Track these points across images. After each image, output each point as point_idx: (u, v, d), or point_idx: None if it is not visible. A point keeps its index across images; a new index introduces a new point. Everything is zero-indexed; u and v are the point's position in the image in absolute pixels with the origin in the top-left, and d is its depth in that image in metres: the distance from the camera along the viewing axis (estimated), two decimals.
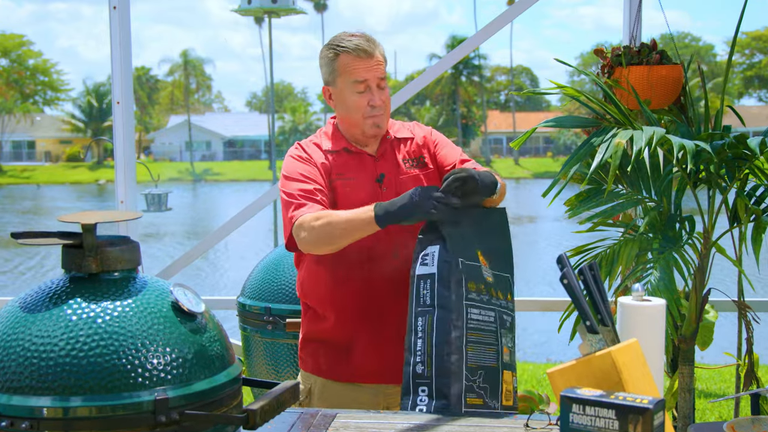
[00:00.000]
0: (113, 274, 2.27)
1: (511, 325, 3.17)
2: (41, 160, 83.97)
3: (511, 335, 3.14)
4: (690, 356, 4.47)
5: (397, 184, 3.48)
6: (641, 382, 2.37)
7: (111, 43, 5.81)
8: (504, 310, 3.12)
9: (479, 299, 3.03)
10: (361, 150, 3.51)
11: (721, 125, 4.47)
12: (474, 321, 2.99)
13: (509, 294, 3.20)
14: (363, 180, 3.46)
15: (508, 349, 3.09)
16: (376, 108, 3.43)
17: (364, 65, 3.42)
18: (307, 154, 3.49)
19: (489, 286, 3.08)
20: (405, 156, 3.56)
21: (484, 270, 3.10)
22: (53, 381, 2.05)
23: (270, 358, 4.85)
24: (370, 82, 3.42)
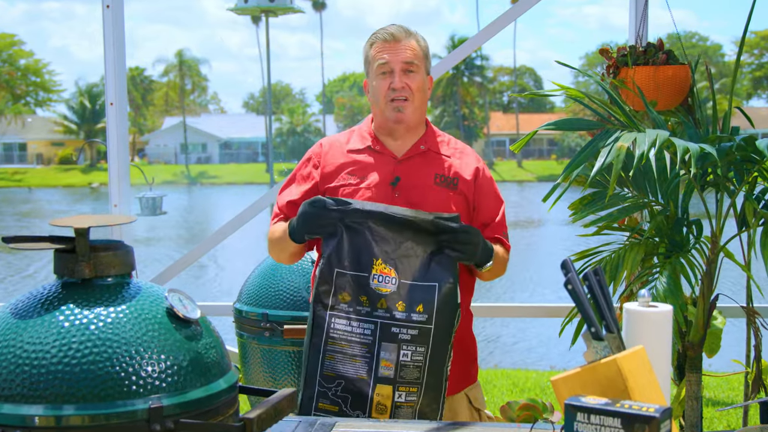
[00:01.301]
0: (107, 280, 2.27)
1: (416, 338, 3.08)
2: (33, 163, 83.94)
3: (411, 348, 3.07)
4: (697, 363, 4.46)
5: (414, 194, 3.44)
6: (647, 390, 2.37)
7: (104, 43, 5.81)
8: (397, 322, 3.08)
9: (351, 310, 3.05)
10: (386, 150, 3.50)
11: (729, 127, 4.47)
12: (338, 331, 3.03)
13: (422, 305, 3.11)
14: (375, 181, 3.44)
15: (391, 363, 3.06)
16: (397, 91, 3.41)
17: (390, 48, 3.44)
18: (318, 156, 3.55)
19: (377, 297, 3.07)
20: (437, 170, 3.51)
21: (375, 280, 3.09)
22: (45, 389, 2.04)
23: (267, 365, 4.85)
24: (393, 65, 3.42)
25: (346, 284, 3.07)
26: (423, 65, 3.48)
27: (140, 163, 70.45)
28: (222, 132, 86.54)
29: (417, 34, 3.50)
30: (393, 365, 3.05)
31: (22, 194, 62.08)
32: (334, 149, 3.54)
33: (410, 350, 3.06)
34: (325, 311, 3.05)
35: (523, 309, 6.81)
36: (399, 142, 3.50)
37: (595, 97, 4.33)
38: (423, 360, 3.08)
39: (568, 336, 4.56)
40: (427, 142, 3.53)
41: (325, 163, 3.50)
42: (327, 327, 3.04)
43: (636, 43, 5.29)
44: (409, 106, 3.43)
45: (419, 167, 3.48)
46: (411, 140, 3.52)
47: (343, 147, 3.54)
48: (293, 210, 3.46)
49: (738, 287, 5.36)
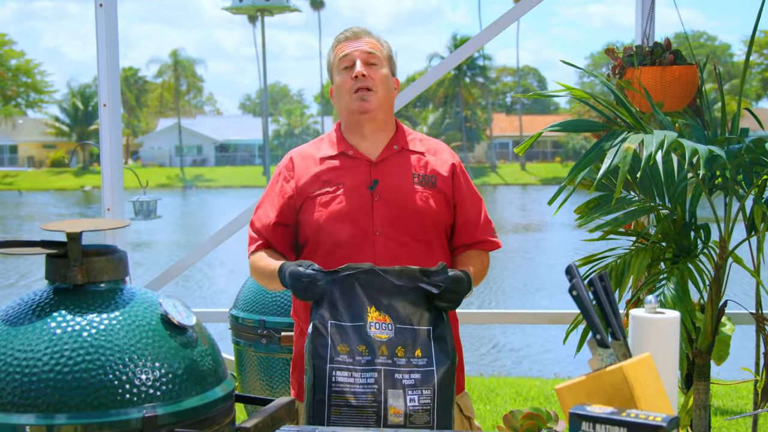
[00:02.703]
0: (99, 285, 2.27)
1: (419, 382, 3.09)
2: (24, 166, 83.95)
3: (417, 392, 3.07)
4: (705, 371, 4.46)
5: (394, 195, 3.43)
6: (654, 399, 2.37)
7: (97, 43, 5.81)
8: (399, 368, 3.07)
9: (352, 361, 3.04)
10: (359, 154, 3.49)
11: (738, 128, 4.47)
12: (340, 384, 3.02)
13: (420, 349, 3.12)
14: (353, 186, 3.42)
15: (399, 409, 3.06)
16: (359, 80, 3.41)
17: (351, 43, 3.48)
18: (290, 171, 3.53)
19: (378, 344, 3.07)
20: (414, 170, 3.50)
21: (373, 328, 3.09)
22: (36, 398, 2.04)
23: (264, 373, 4.85)
24: (355, 56, 3.43)
25: (343, 335, 3.06)
26: (387, 64, 3.50)
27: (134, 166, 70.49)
28: (218, 134, 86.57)
29: (380, 37, 3.54)
30: (401, 412, 3.04)
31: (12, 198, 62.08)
32: (305, 160, 3.53)
33: (416, 394, 3.06)
34: (326, 364, 3.03)
35: (527, 315, 6.81)
36: (370, 143, 3.49)
37: (600, 98, 4.33)
38: (431, 402, 3.08)
39: (573, 343, 4.56)
40: (399, 141, 3.53)
41: (298, 176, 3.48)
42: (329, 380, 3.02)
43: (642, 43, 5.30)
44: (373, 96, 3.42)
45: (396, 168, 3.47)
46: (382, 141, 3.51)
47: (314, 156, 3.52)
48: (271, 233, 3.48)
49: (747, 293, 5.36)
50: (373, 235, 3.34)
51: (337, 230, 3.34)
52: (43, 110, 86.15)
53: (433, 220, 3.41)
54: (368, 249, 3.33)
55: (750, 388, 7.08)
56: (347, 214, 3.34)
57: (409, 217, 3.37)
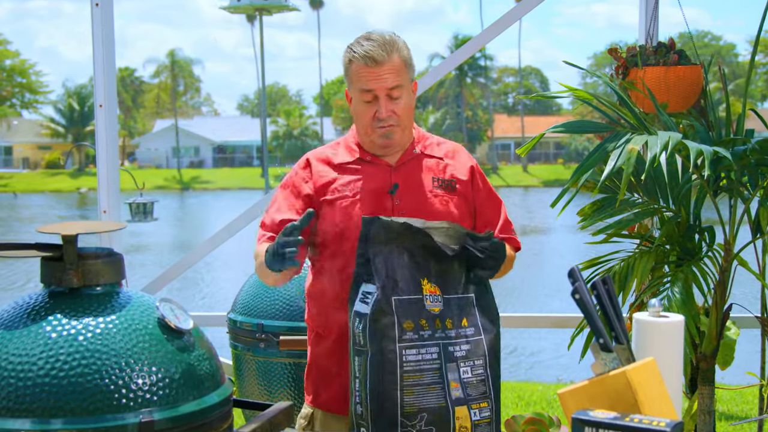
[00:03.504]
0: (96, 289, 2.28)
1: (470, 352, 3.08)
2: (19, 167, 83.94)
3: (469, 363, 3.06)
4: (710, 376, 4.46)
5: (415, 200, 3.42)
6: (658, 404, 2.37)
7: (93, 43, 5.81)
8: (452, 340, 3.06)
9: (417, 337, 3.01)
10: (378, 159, 3.48)
11: (743, 129, 4.48)
12: (411, 363, 2.98)
13: (466, 318, 3.11)
14: (373, 191, 3.42)
15: (457, 383, 3.04)
16: (383, 120, 3.38)
17: (372, 74, 3.35)
18: (307, 172, 3.51)
19: (433, 317, 3.05)
20: (433, 174, 3.50)
21: (428, 301, 3.07)
22: (32, 402, 2.05)
23: (262, 378, 4.85)
24: (378, 92, 3.36)
25: (407, 310, 3.03)
26: (407, 79, 3.43)
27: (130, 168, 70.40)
28: (215, 135, 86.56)
29: (397, 43, 3.41)
30: (459, 384, 3.03)
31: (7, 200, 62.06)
32: (322, 163, 3.52)
33: (469, 365, 3.04)
34: (395, 344, 2.99)
35: (529, 319, 6.82)
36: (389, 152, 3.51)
37: (603, 99, 4.33)
38: (484, 372, 3.06)
39: (576, 347, 4.56)
40: (417, 146, 3.53)
41: (316, 178, 3.48)
42: (400, 361, 2.98)
43: (646, 43, 5.30)
44: (397, 130, 3.41)
45: (415, 172, 3.47)
46: (401, 148, 3.52)
47: (331, 160, 3.52)
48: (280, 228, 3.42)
49: (752, 297, 5.36)
50: None
51: (356, 236, 3.33)
52: (39, 111, 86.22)
53: None
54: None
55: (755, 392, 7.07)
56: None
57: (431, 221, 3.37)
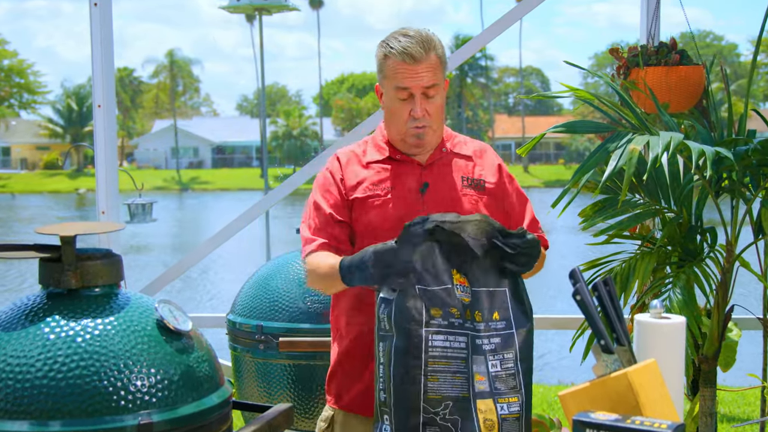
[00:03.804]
0: (94, 290, 2.28)
1: (499, 346, 3.05)
2: (17, 168, 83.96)
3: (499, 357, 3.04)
4: (712, 377, 4.46)
5: (444, 199, 3.42)
6: (660, 406, 2.37)
7: (92, 42, 5.81)
8: (480, 333, 3.04)
9: (446, 324, 2.98)
10: (407, 158, 3.48)
11: (745, 130, 4.48)
12: (437, 349, 2.95)
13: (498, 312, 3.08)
14: (403, 191, 3.42)
15: (483, 376, 3.02)
16: (418, 120, 3.37)
17: (410, 71, 3.34)
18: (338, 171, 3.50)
19: (464, 307, 3.03)
20: (462, 173, 3.50)
21: (459, 290, 3.05)
22: (30, 404, 2.04)
23: (262, 379, 4.85)
24: (414, 90, 3.34)
25: (434, 299, 3.01)
26: (442, 78, 3.42)
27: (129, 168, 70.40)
28: (214, 135, 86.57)
29: (434, 40, 3.40)
30: (485, 378, 3.00)
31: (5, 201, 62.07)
32: (352, 161, 3.51)
33: (498, 359, 3.02)
34: (421, 328, 2.97)
35: None
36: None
37: (605, 99, 4.33)
38: (514, 366, 3.04)
39: (578, 349, 4.55)
40: (447, 145, 3.53)
41: (347, 177, 3.47)
42: (426, 346, 2.96)
43: (648, 43, 5.31)
44: (429, 131, 3.40)
45: (445, 171, 3.47)
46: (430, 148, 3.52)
47: (360, 158, 3.51)
48: (331, 228, 3.40)
49: (754, 298, 5.36)
50: None
51: (390, 234, 3.32)
52: (37, 111, 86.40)
53: None
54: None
55: (757, 394, 7.08)
56: (398, 219, 3.31)
57: None
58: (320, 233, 3.41)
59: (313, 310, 4.70)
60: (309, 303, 4.72)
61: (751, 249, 4.43)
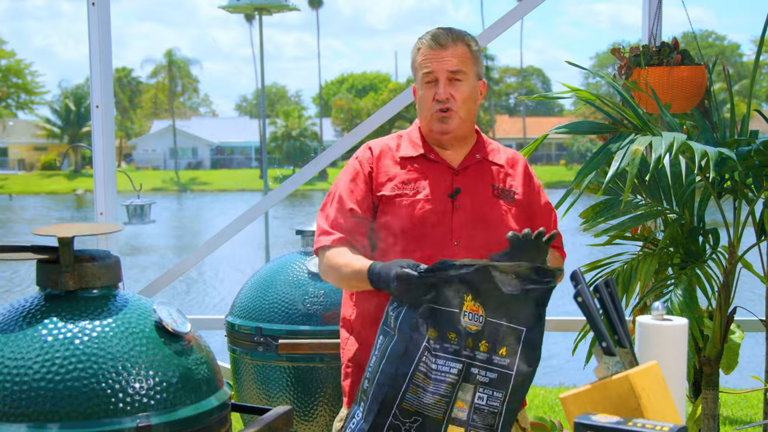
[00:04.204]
0: (92, 292, 2.28)
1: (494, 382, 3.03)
2: (14, 169, 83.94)
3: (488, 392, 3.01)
4: (714, 380, 4.46)
5: (475, 206, 3.41)
6: (661, 408, 2.37)
7: (89, 42, 5.81)
8: (479, 363, 3.02)
9: (439, 347, 2.98)
10: (441, 159, 3.47)
11: (747, 131, 4.48)
12: (427, 367, 2.96)
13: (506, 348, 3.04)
14: (434, 191, 3.41)
15: (465, 404, 3.01)
16: (441, 103, 3.38)
17: (435, 56, 3.40)
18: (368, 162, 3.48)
19: (466, 335, 3.02)
20: (494, 182, 3.49)
21: (466, 317, 3.03)
22: (27, 407, 2.04)
23: (261, 382, 4.84)
24: (438, 74, 3.38)
25: (435, 318, 3.00)
26: (473, 71, 3.45)
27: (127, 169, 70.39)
28: (213, 136, 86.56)
29: (466, 37, 3.46)
30: (467, 407, 3.00)
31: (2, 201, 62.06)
32: (385, 155, 3.49)
33: (486, 394, 3.01)
34: (422, 342, 2.97)
35: None
36: (450, 152, 3.49)
37: (606, 99, 4.33)
38: (500, 406, 3.02)
39: (579, 351, 4.55)
40: (480, 151, 3.52)
41: (378, 170, 3.46)
42: (419, 359, 2.97)
43: (649, 43, 5.30)
44: (455, 117, 3.40)
45: (477, 178, 3.47)
46: (463, 150, 3.50)
47: (394, 153, 3.50)
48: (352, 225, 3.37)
49: (757, 300, 5.35)
50: (452, 245, 3.32)
51: (416, 236, 3.31)
52: (34, 112, 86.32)
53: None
54: (446, 258, 3.29)
55: (760, 397, 7.08)
56: (427, 221, 3.32)
57: (489, 229, 3.35)
58: (338, 227, 3.39)
59: (312, 312, 4.70)
60: (309, 305, 4.72)
61: (753, 250, 4.44)
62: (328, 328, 4.66)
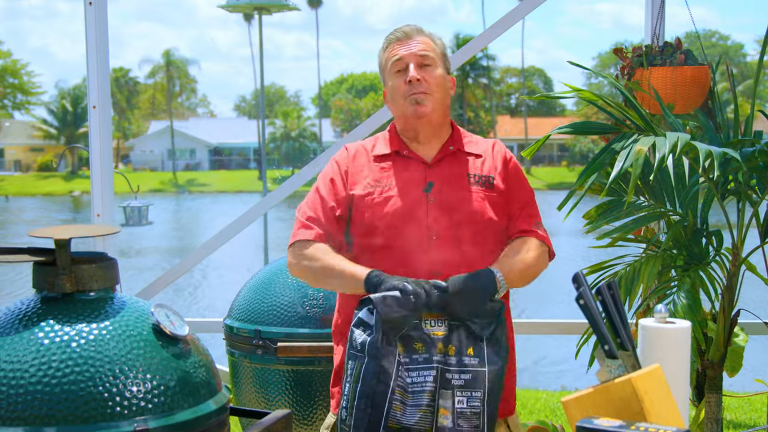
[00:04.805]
0: (89, 294, 2.27)
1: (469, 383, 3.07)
2: (10, 170, 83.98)
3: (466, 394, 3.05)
4: (717, 383, 4.46)
5: (450, 198, 3.41)
6: (664, 412, 2.37)
7: (87, 42, 5.81)
8: (451, 367, 3.05)
9: (410, 360, 3.02)
10: (414, 154, 3.48)
11: (751, 131, 4.48)
12: (401, 380, 2.99)
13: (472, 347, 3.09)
14: (408, 187, 3.41)
15: (448, 411, 3.04)
16: (413, 85, 3.40)
17: (402, 45, 3.46)
18: (345, 162, 3.50)
19: (434, 341, 3.05)
20: (470, 170, 3.48)
21: (428, 325, 3.07)
22: (23, 410, 2.04)
23: (260, 385, 4.84)
24: (408, 59, 3.42)
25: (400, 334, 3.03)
26: (441, 63, 3.48)
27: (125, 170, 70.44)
28: (212, 137, 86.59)
29: (432, 34, 3.54)
30: (449, 413, 3.02)
31: None
32: (360, 155, 3.52)
33: (465, 396, 3.04)
34: (395, 358, 3.00)
35: (532, 325, 6.81)
36: (425, 146, 3.49)
37: (609, 99, 4.33)
38: (481, 406, 3.05)
39: (584, 356, 4.55)
40: (455, 143, 3.52)
41: (353, 170, 3.48)
42: (396, 374, 2.99)
43: (652, 43, 5.30)
44: (429, 99, 3.41)
45: (451, 169, 3.47)
46: (438, 143, 3.50)
47: (368, 153, 3.52)
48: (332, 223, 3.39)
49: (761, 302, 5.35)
50: (428, 240, 3.32)
51: (391, 233, 3.32)
52: (31, 112, 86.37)
53: (489, 225, 3.38)
54: (423, 253, 3.30)
55: (764, 400, 7.08)
56: (401, 217, 3.32)
57: (466, 221, 3.35)
58: (317, 223, 3.41)
59: (311, 314, 4.70)
60: (308, 308, 4.72)
61: (757, 252, 4.43)
62: (327, 331, 4.64)
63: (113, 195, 6.07)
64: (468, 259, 3.30)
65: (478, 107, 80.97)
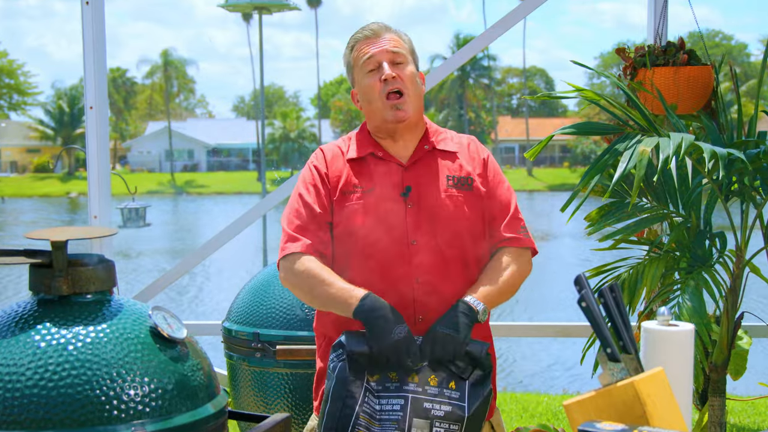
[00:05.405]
0: (86, 297, 2.27)
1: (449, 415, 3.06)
2: (6, 171, 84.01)
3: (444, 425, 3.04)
4: (721, 386, 4.46)
5: (429, 203, 3.37)
6: (667, 415, 2.37)
7: (83, 42, 5.81)
8: (430, 397, 3.06)
9: (382, 388, 3.03)
10: (389, 156, 3.44)
11: (755, 132, 4.48)
12: (368, 406, 3.00)
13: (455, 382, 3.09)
14: (385, 192, 3.36)
15: None
16: (389, 83, 3.36)
17: (373, 43, 3.42)
18: (323, 165, 3.47)
19: (408, 371, 3.06)
20: (448, 172, 3.45)
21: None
22: (19, 414, 2.04)
23: (258, 388, 4.84)
24: (380, 56, 3.39)
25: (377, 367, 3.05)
26: (411, 59, 3.47)
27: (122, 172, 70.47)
28: (210, 138, 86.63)
29: (399, 30, 3.50)
30: None
31: None
32: (336, 158, 3.48)
33: (443, 428, 3.04)
34: (363, 383, 3.01)
35: (534, 328, 6.82)
36: (400, 144, 3.46)
37: (612, 100, 4.33)
38: None
39: (589, 360, 4.55)
40: (429, 141, 3.50)
41: (331, 174, 3.45)
42: (362, 399, 3.00)
43: (655, 42, 5.30)
44: (407, 101, 3.38)
45: (428, 171, 3.43)
46: (412, 141, 3.47)
47: (343, 156, 3.47)
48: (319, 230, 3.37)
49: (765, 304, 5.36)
50: (408, 245, 3.31)
51: (371, 240, 3.29)
52: (27, 113, 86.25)
53: (468, 228, 3.37)
54: (403, 260, 3.29)
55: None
56: (380, 223, 3.29)
57: (445, 226, 3.34)
58: (306, 233, 3.35)
59: (310, 317, 4.70)
60: (307, 310, 4.72)
61: (761, 254, 4.43)
62: None
63: (110, 196, 6.07)
64: (448, 265, 3.30)
65: (479, 108, 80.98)
